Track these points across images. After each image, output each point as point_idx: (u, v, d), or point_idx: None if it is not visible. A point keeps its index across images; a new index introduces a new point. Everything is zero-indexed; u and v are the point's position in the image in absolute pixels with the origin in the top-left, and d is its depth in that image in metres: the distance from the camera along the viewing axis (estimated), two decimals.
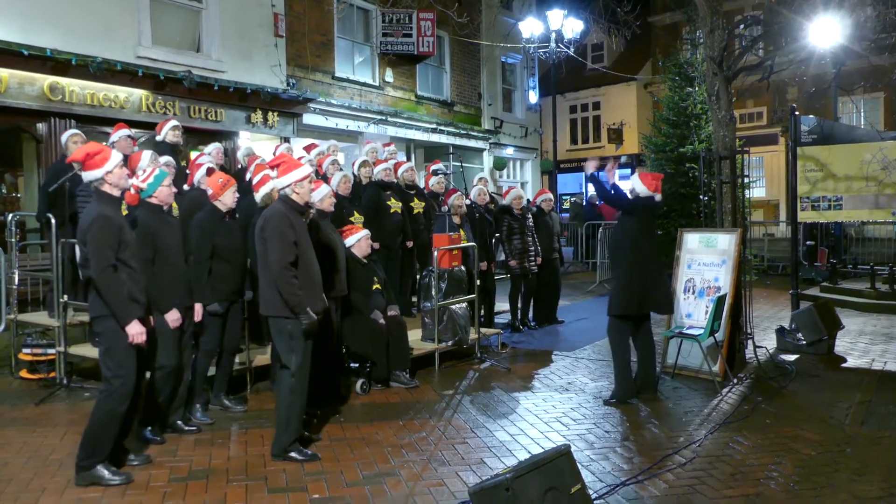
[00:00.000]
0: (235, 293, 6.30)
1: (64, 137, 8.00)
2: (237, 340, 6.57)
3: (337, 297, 6.52)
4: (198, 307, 5.91)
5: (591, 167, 7.35)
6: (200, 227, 6.10)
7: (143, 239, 5.40)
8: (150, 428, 5.65)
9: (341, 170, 9.02)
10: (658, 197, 7.03)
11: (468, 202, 9.92)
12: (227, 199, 6.17)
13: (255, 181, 6.89)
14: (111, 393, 4.82)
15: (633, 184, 7.08)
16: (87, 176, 4.97)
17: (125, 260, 4.84)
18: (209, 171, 6.98)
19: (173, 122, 8.69)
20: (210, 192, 6.18)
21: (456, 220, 9.18)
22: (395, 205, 9.03)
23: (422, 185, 10.79)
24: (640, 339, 7.06)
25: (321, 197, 6.29)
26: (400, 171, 9.66)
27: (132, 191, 5.60)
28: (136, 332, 4.78)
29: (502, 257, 10.36)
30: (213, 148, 8.75)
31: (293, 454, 5.30)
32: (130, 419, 5.06)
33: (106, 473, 4.84)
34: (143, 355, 5.01)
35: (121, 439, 5.03)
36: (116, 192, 4.99)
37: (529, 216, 10.61)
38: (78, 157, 5.01)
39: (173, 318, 5.51)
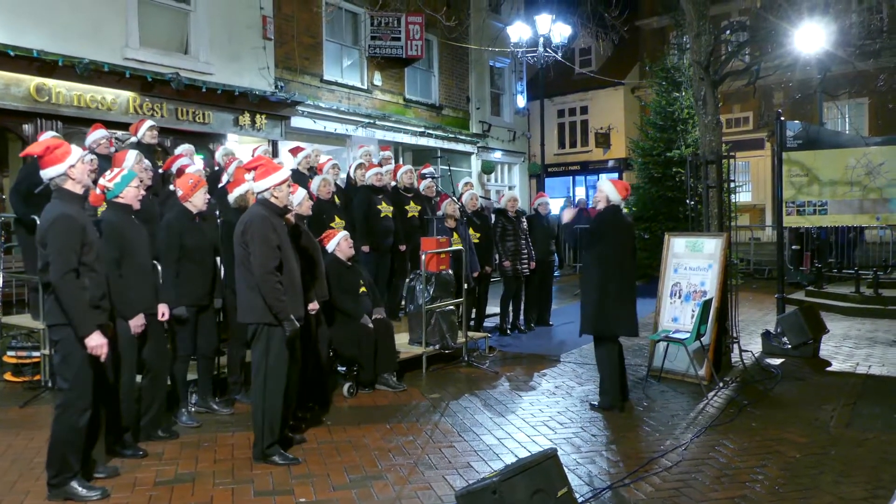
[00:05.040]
0: (206, 296, 6.19)
1: (42, 139, 7.71)
2: (215, 343, 6.47)
3: (319, 301, 6.50)
4: (162, 308, 5.76)
5: (567, 217, 7.17)
6: (169, 228, 6.02)
7: (109, 239, 5.21)
8: (125, 446, 5.44)
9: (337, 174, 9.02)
10: (622, 204, 6.77)
11: (458, 206, 9.94)
12: (198, 201, 6.09)
13: (229, 182, 6.80)
14: (68, 406, 4.54)
15: (605, 190, 6.75)
16: (48, 173, 4.62)
17: (89, 263, 4.54)
18: (178, 172, 6.89)
19: (149, 123, 8.48)
20: (180, 193, 6.12)
21: (450, 223, 9.20)
22: (385, 209, 9.03)
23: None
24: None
25: (300, 200, 6.24)
26: (399, 173, 9.68)
27: (97, 190, 5.43)
28: (95, 344, 4.49)
29: (496, 260, 10.38)
30: (185, 149, 8.65)
31: (274, 458, 5.28)
32: (97, 428, 4.84)
33: (80, 490, 4.62)
34: (103, 365, 4.77)
35: (90, 450, 4.84)
36: (79, 189, 4.68)
37: (524, 219, 10.64)
38: (37, 151, 4.67)
39: (137, 323, 5.30)
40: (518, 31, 19.30)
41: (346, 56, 17.63)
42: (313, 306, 6.18)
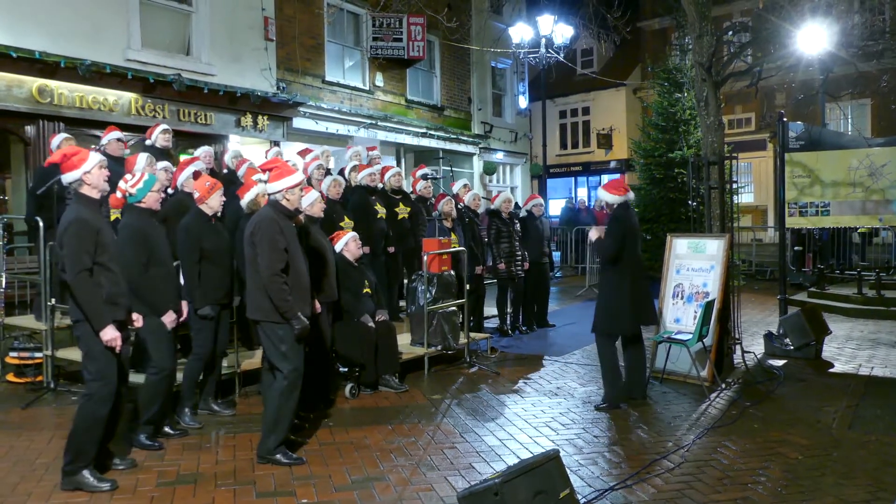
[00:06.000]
0: (225, 296, 6.28)
1: (55, 142, 7.88)
2: (226, 344, 6.58)
3: (327, 301, 6.52)
4: (183, 305, 5.91)
5: (594, 236, 7.16)
6: (188, 230, 6.07)
7: (134, 242, 5.40)
8: (144, 434, 5.61)
9: (329, 173, 9.01)
10: (631, 195, 6.96)
11: (461, 206, 9.93)
12: (214, 203, 6.15)
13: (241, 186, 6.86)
14: (91, 396, 4.79)
15: (602, 199, 7.00)
16: (66, 178, 4.89)
17: (104, 263, 4.76)
18: (195, 175, 6.96)
19: (163, 126, 8.64)
20: (197, 195, 6.16)
21: (447, 224, 9.19)
22: (380, 210, 9.03)
23: (409, 189, 10.79)
24: (631, 345, 7.07)
25: (311, 202, 6.30)
26: (386, 176, 9.67)
27: (118, 194, 5.56)
28: (109, 337, 4.71)
29: (490, 261, 10.37)
30: (203, 151, 8.71)
31: (278, 457, 5.29)
32: (115, 423, 5.02)
33: (91, 479, 4.80)
34: (123, 359, 4.98)
35: (106, 443, 5.00)
36: (96, 194, 4.90)
37: (517, 221, 10.61)
38: (55, 159, 4.95)
39: (170, 319, 5.58)
40: (520, 32, 19.34)
41: (348, 57, 17.65)
42: (317, 306, 6.20)
